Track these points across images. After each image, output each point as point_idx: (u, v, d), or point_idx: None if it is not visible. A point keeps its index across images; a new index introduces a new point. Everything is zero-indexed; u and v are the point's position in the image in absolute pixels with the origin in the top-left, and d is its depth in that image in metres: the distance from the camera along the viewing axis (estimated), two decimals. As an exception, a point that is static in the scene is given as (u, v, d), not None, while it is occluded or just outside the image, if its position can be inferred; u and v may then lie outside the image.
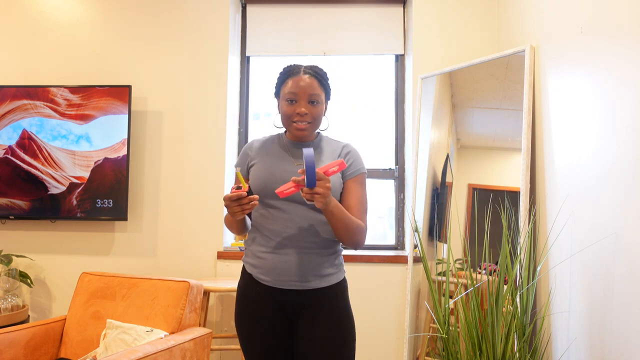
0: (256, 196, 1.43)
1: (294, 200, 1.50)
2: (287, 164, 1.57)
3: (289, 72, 1.56)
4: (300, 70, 1.54)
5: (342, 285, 1.58)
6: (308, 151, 1.31)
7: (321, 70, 1.58)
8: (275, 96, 1.63)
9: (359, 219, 1.52)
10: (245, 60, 3.10)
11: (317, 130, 1.63)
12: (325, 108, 1.61)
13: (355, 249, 1.54)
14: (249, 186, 1.47)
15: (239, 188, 1.42)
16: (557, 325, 1.86)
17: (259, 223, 1.56)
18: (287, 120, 1.55)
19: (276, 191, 1.39)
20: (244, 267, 1.61)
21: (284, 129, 1.65)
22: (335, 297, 1.54)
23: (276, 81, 1.61)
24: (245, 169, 1.62)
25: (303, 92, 1.51)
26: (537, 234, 2.05)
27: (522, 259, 1.80)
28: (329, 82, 1.59)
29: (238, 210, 1.41)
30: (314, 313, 1.52)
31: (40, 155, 2.79)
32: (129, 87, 2.78)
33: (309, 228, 1.51)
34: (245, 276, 1.59)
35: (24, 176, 2.79)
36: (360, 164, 1.61)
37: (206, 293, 2.52)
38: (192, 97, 2.89)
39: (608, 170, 1.51)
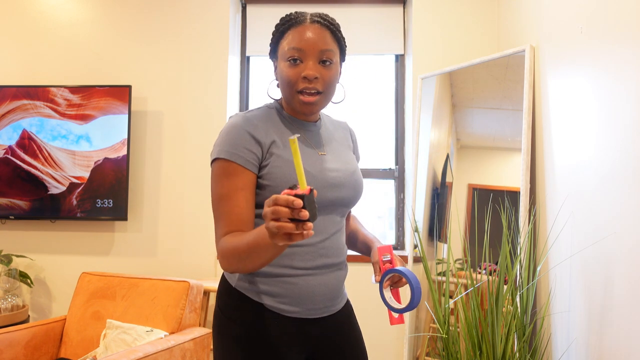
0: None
1: (327, 206, 1.15)
2: (309, 154, 1.17)
3: (291, 21, 1.13)
4: (306, 18, 1.13)
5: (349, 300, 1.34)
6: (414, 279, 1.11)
7: (333, 19, 1.16)
8: (270, 57, 1.20)
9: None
10: (245, 60, 3.11)
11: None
12: (340, 72, 1.20)
13: None
14: (311, 189, 0.82)
15: (294, 188, 0.82)
16: (557, 325, 1.86)
17: None
18: (288, 88, 1.12)
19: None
20: (241, 293, 1.15)
21: (277, 100, 1.24)
22: (352, 314, 1.30)
23: (272, 36, 1.18)
24: (256, 164, 1.11)
25: (311, 48, 1.10)
26: (537, 234, 2.05)
27: (522, 259, 1.80)
28: (343, 35, 1.17)
29: (291, 231, 0.80)
30: (338, 340, 1.23)
31: (40, 155, 2.79)
32: (129, 87, 2.78)
33: (340, 237, 1.21)
34: (248, 306, 1.13)
35: (24, 176, 2.78)
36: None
37: (206, 293, 2.52)
38: (192, 97, 2.89)
39: (608, 170, 1.51)
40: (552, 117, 1.96)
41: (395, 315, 1.16)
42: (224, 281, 1.19)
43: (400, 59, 3.05)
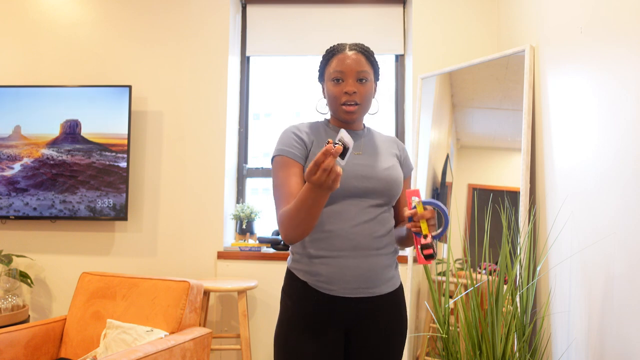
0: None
1: (356, 195, 1.38)
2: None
3: (333, 51, 1.45)
4: (345, 47, 1.44)
5: (402, 290, 1.49)
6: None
7: (368, 47, 1.47)
8: (319, 80, 1.52)
9: None
10: (245, 60, 3.11)
11: (363, 122, 1.55)
12: (375, 89, 1.51)
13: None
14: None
15: (337, 144, 1.12)
16: (557, 325, 1.86)
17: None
18: (334, 102, 1.42)
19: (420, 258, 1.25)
20: (293, 273, 1.43)
21: (324, 117, 1.54)
22: (399, 303, 1.45)
23: (319, 64, 1.50)
24: (303, 158, 1.41)
25: (350, 70, 1.40)
26: (537, 234, 2.05)
27: (522, 259, 1.80)
28: (376, 60, 1.49)
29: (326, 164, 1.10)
30: (376, 322, 1.41)
31: (40, 155, 2.79)
32: (129, 87, 2.78)
33: (374, 226, 1.39)
34: (298, 284, 1.40)
35: (24, 176, 2.78)
36: (410, 160, 1.59)
37: (206, 293, 2.52)
38: (192, 97, 2.89)
39: (608, 170, 1.51)
40: (552, 117, 1.96)
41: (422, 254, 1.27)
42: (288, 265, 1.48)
43: (400, 59, 3.05)
